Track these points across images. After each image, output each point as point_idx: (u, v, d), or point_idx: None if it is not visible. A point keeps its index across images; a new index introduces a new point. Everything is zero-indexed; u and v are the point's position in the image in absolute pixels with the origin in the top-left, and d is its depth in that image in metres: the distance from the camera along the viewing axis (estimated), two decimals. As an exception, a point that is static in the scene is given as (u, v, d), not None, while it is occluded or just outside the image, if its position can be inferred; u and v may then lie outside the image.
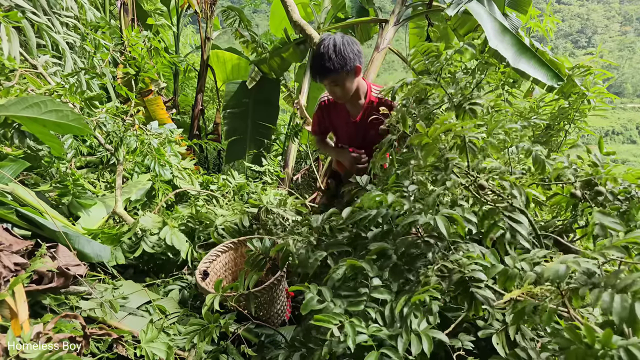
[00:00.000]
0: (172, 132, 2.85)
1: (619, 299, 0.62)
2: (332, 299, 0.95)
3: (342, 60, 1.62)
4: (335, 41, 1.63)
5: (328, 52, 1.61)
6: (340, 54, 1.61)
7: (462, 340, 0.96)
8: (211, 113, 7.19)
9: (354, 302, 0.94)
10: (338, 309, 0.92)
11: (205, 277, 1.63)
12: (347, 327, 0.83)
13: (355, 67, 1.68)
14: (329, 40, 1.64)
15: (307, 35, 3.76)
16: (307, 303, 0.92)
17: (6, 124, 1.60)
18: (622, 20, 76.04)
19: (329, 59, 1.61)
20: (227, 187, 2.80)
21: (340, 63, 1.62)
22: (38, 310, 1.22)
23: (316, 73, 1.69)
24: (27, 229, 1.43)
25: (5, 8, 2.34)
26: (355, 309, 0.92)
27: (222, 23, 6.82)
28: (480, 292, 0.82)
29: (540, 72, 2.70)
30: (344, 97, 1.77)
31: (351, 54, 1.64)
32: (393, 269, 0.95)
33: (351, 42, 1.66)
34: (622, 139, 44.45)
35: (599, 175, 1.05)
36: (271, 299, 1.51)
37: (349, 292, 0.99)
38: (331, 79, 1.68)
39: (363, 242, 1.14)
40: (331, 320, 0.85)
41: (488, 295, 0.82)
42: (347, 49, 1.63)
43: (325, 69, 1.64)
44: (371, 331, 0.84)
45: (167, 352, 1.23)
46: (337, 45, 1.61)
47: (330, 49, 1.61)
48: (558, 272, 0.68)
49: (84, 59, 3.15)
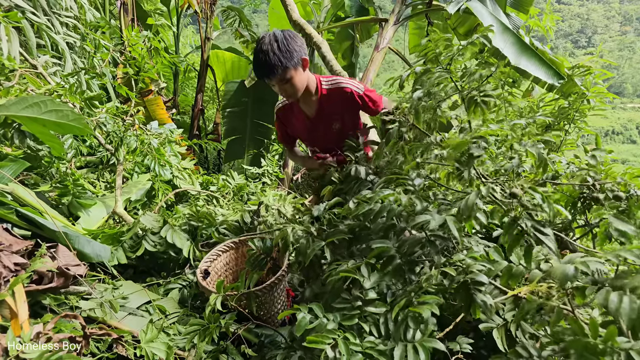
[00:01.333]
0: (172, 132, 2.85)
1: (628, 300, 0.60)
2: (325, 314, 0.93)
3: (288, 54, 1.50)
4: (277, 36, 1.51)
5: (272, 48, 1.49)
6: (285, 47, 1.50)
7: (461, 343, 0.95)
8: (211, 113, 7.19)
9: (347, 316, 0.92)
10: (332, 324, 0.90)
11: (207, 276, 1.64)
12: (341, 345, 0.82)
13: (302, 59, 1.57)
14: (269, 36, 1.52)
15: (306, 35, 3.76)
16: (300, 324, 0.90)
17: (6, 124, 1.60)
18: (622, 20, 76.04)
19: (273, 54, 1.49)
20: (227, 188, 2.80)
21: (287, 57, 1.50)
22: (38, 310, 1.22)
23: (262, 73, 1.55)
24: (27, 229, 1.43)
25: (5, 8, 2.34)
26: (349, 322, 0.91)
27: (222, 23, 6.82)
28: (479, 296, 0.81)
29: (541, 70, 2.71)
30: (295, 94, 1.64)
31: (296, 47, 1.53)
32: (395, 269, 0.93)
33: (293, 36, 1.55)
34: (622, 139, 44.45)
35: (599, 175, 1.05)
36: (272, 298, 1.51)
37: (343, 304, 0.97)
38: (279, 76, 1.54)
39: (366, 232, 1.11)
40: (324, 340, 0.83)
41: (487, 300, 0.80)
42: (290, 42, 1.51)
43: (272, 66, 1.50)
44: (366, 346, 0.83)
45: (167, 352, 1.23)
46: (279, 39, 1.50)
47: (274, 45, 1.50)
48: (566, 273, 0.67)
49: (84, 59, 3.15)
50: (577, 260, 0.70)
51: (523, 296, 0.80)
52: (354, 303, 0.96)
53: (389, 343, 0.86)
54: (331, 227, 1.20)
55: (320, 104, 1.73)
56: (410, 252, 0.96)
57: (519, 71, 2.93)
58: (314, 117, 1.78)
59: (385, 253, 0.96)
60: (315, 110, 1.76)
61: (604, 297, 0.63)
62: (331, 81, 1.72)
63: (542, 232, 0.82)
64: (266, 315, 1.52)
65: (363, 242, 1.10)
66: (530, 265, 0.84)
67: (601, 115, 2.56)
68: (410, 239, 0.98)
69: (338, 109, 1.72)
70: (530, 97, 3.36)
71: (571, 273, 0.67)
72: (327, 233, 1.17)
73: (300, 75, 1.59)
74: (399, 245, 0.98)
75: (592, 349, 0.64)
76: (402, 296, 0.91)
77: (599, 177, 1.04)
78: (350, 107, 1.74)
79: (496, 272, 0.86)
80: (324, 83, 1.72)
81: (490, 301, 0.81)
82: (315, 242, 1.13)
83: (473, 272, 0.84)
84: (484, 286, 0.83)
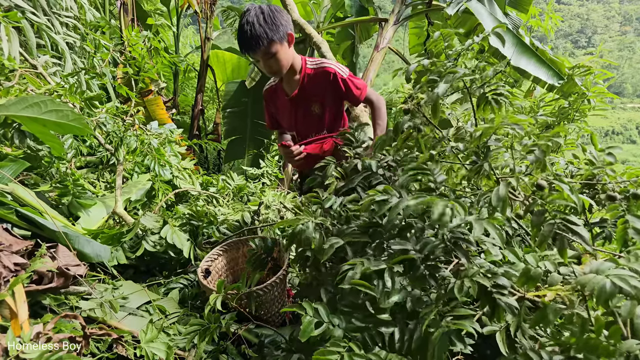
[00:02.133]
0: (172, 132, 2.85)
1: None
2: (330, 317, 0.87)
3: (274, 26, 1.45)
4: (262, 9, 1.45)
5: (258, 20, 1.43)
6: (271, 20, 1.44)
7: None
8: (211, 113, 7.20)
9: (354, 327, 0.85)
10: (338, 330, 0.84)
11: (208, 276, 1.64)
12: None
13: (288, 34, 1.51)
14: (255, 8, 1.45)
15: (306, 34, 3.76)
16: (305, 329, 0.84)
17: (6, 124, 1.60)
18: (622, 20, 76.06)
19: (259, 25, 1.43)
20: (227, 189, 2.80)
21: (272, 29, 1.44)
22: (38, 310, 1.22)
23: (246, 46, 1.48)
24: (27, 229, 1.43)
25: (5, 8, 2.34)
26: (356, 334, 0.85)
27: (222, 23, 6.82)
28: (503, 300, 0.76)
29: (541, 70, 2.71)
30: (280, 70, 1.58)
31: (282, 20, 1.47)
32: (415, 275, 0.85)
33: (279, 9, 1.49)
34: (622, 139, 44.44)
35: (600, 174, 1.05)
36: (272, 298, 1.51)
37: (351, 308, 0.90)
38: (264, 49, 1.47)
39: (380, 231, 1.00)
40: (330, 357, 0.77)
41: (512, 302, 0.76)
42: (276, 16, 1.46)
43: (257, 37, 1.44)
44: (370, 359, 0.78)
45: (167, 352, 1.23)
46: (264, 12, 1.45)
47: (259, 16, 1.44)
48: (605, 288, 0.62)
49: (84, 59, 3.16)
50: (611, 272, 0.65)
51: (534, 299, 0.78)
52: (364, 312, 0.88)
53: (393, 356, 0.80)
54: (344, 223, 1.10)
55: (302, 83, 1.67)
56: (434, 257, 0.86)
57: (519, 71, 2.93)
58: (294, 96, 1.70)
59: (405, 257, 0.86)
60: (297, 89, 1.69)
61: (630, 311, 0.60)
62: (317, 62, 1.67)
63: (572, 223, 0.76)
64: (266, 315, 1.52)
65: (377, 239, 1.00)
66: (566, 260, 0.79)
67: (601, 115, 2.56)
68: (432, 241, 0.88)
69: (320, 90, 1.66)
70: (532, 97, 3.36)
71: (609, 289, 0.62)
72: (338, 229, 1.06)
73: (286, 50, 1.54)
74: (420, 248, 0.88)
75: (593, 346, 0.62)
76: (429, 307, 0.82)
77: (597, 178, 1.04)
78: (332, 90, 1.67)
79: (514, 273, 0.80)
80: (309, 63, 1.67)
81: (515, 304, 0.76)
82: (331, 239, 1.00)
83: (496, 275, 0.80)
84: (506, 289, 0.78)
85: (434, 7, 3.80)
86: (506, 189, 0.80)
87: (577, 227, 0.76)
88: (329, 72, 1.62)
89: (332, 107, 1.74)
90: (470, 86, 1.12)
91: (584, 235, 0.76)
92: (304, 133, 1.80)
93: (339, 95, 1.71)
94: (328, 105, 1.72)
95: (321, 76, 1.64)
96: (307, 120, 1.76)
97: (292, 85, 1.70)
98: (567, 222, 0.77)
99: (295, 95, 1.70)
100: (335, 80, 1.64)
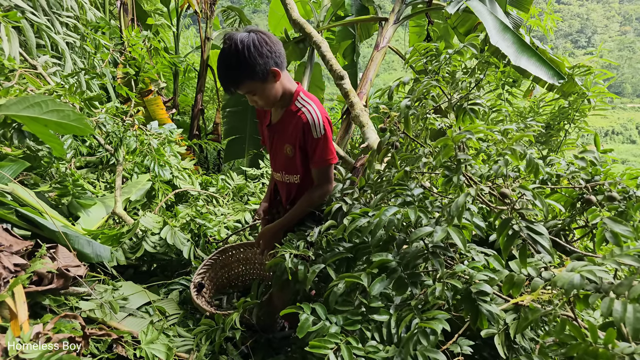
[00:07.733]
0: (171, 132, 2.85)
1: (632, 308, 0.60)
2: (328, 316, 0.93)
3: (249, 69, 1.32)
4: (238, 47, 1.30)
5: (230, 63, 1.33)
6: (245, 61, 1.31)
7: (462, 345, 0.95)
8: (211, 113, 7.19)
9: (350, 321, 0.92)
10: (334, 327, 0.89)
11: (201, 289, 1.64)
12: (344, 350, 0.82)
13: (270, 71, 1.36)
14: (230, 47, 1.32)
15: (306, 34, 3.75)
16: (303, 325, 0.89)
17: (6, 124, 1.60)
18: (621, 20, 76.02)
19: (232, 70, 1.34)
20: (227, 188, 2.80)
21: (246, 73, 1.33)
22: (38, 310, 1.22)
23: (224, 86, 1.40)
24: (27, 229, 1.43)
25: (5, 8, 2.34)
26: (352, 328, 0.90)
27: (222, 23, 6.82)
28: (485, 307, 0.80)
29: (542, 69, 2.70)
30: (265, 105, 1.49)
31: (259, 58, 1.32)
32: (397, 282, 0.91)
33: (260, 42, 1.33)
34: (621, 139, 44.42)
35: (599, 175, 1.05)
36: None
37: (346, 307, 0.96)
38: (245, 89, 1.39)
39: (365, 247, 1.09)
40: (326, 345, 0.83)
41: (493, 310, 0.80)
42: (253, 54, 1.31)
43: (227, 83, 1.37)
44: (368, 351, 0.84)
45: (167, 353, 1.23)
46: (239, 51, 1.30)
47: (232, 58, 1.32)
48: (573, 282, 0.66)
49: (84, 59, 3.15)
50: (582, 268, 0.69)
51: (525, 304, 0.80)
52: (357, 310, 0.95)
53: (390, 349, 0.85)
54: (328, 251, 1.16)
55: (283, 117, 1.53)
56: (412, 265, 0.92)
57: (519, 70, 2.92)
58: (274, 125, 1.59)
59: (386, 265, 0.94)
60: (278, 120, 1.56)
61: (608, 307, 0.63)
62: (304, 102, 1.48)
63: (535, 232, 0.81)
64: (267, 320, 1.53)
65: (363, 256, 1.08)
66: (525, 266, 0.83)
67: (601, 115, 2.56)
68: (412, 251, 0.95)
69: (293, 131, 1.49)
70: (531, 96, 3.36)
71: (577, 282, 0.66)
72: (323, 257, 1.13)
73: (269, 87, 1.41)
74: (401, 257, 0.94)
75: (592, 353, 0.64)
76: (407, 310, 0.90)
77: (595, 179, 1.04)
78: (302, 139, 1.48)
79: (498, 281, 0.84)
80: (298, 100, 1.50)
81: (496, 310, 0.80)
82: (313, 266, 1.10)
83: (477, 283, 0.83)
84: (488, 296, 0.82)
85: (434, 6, 3.80)
86: (464, 199, 0.86)
87: (540, 236, 0.81)
88: (302, 120, 1.45)
89: (300, 158, 1.55)
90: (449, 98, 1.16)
91: (545, 244, 0.80)
92: (276, 167, 1.68)
93: (304, 149, 1.53)
94: (301, 149, 1.53)
95: (297, 120, 1.47)
96: (279, 156, 1.62)
97: (277, 114, 1.58)
98: (530, 230, 0.82)
99: (275, 125, 1.58)
100: (306, 131, 1.46)
